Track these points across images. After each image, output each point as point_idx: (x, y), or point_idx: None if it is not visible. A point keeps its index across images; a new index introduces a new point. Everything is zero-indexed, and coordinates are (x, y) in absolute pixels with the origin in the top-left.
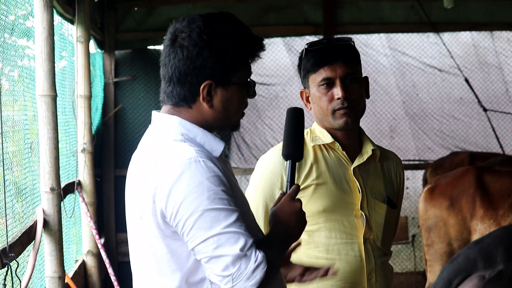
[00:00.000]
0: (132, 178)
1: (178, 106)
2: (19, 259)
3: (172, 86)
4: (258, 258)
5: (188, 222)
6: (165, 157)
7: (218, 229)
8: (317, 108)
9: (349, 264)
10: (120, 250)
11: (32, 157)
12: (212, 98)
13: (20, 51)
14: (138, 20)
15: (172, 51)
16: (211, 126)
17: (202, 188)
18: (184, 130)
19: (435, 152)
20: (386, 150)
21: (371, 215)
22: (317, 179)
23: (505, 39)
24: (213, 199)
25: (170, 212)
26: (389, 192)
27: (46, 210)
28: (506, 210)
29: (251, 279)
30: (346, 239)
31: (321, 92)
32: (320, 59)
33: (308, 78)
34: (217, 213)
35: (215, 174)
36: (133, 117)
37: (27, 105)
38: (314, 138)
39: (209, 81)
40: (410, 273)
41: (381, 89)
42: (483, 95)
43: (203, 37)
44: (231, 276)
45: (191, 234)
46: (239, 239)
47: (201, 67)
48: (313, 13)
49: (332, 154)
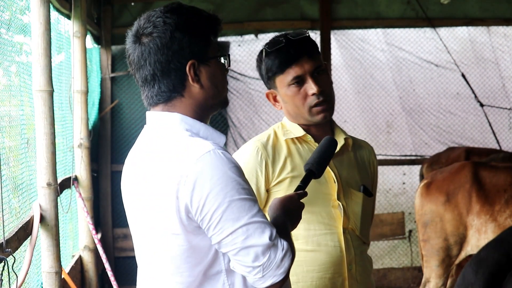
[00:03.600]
0: (138, 180)
1: (171, 100)
2: (16, 254)
3: (158, 82)
4: (285, 246)
5: (216, 214)
6: (183, 152)
7: (245, 219)
8: (291, 107)
9: (329, 254)
10: (116, 245)
11: (29, 152)
12: (199, 78)
13: (17, 47)
14: (134, 15)
15: (144, 50)
16: (206, 108)
17: (227, 179)
18: (187, 126)
19: (431, 147)
20: (358, 139)
21: (348, 204)
22: (292, 171)
23: (501, 34)
24: (238, 189)
25: (196, 206)
26: (364, 180)
27: (42, 205)
28: (502, 205)
29: (280, 267)
30: (325, 229)
31: (293, 91)
32: (286, 59)
33: (275, 79)
34: (243, 203)
35: (235, 164)
36: (130, 112)
37: (24, 100)
38: (286, 132)
39: (191, 60)
40: (407, 268)
41: (377, 84)
42: (480, 90)
43: (168, 21)
44: (262, 266)
45: (219, 226)
46: (265, 228)
47: (179, 50)
48: (310, 8)
49: (305, 146)
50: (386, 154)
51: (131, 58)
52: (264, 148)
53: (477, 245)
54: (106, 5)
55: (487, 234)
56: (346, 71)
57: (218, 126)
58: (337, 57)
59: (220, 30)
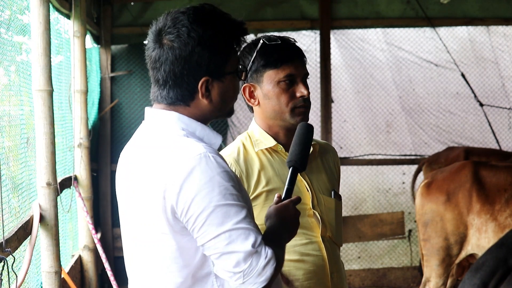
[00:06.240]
0: (128, 176)
1: (174, 104)
2: (16, 254)
3: (168, 88)
4: (268, 255)
5: (200, 218)
6: (174, 153)
7: (229, 225)
8: (272, 105)
9: (313, 264)
10: (116, 245)
11: (29, 152)
12: (210, 93)
13: (17, 46)
14: (134, 15)
15: (162, 54)
16: (209, 119)
17: (213, 184)
18: (183, 125)
19: (431, 147)
20: (321, 142)
21: (323, 212)
22: (267, 185)
23: (501, 34)
24: (224, 195)
25: (181, 208)
26: (333, 185)
27: (42, 205)
28: (502, 204)
29: (262, 275)
30: (305, 239)
31: (281, 89)
32: (283, 55)
33: (264, 73)
34: (228, 209)
35: (225, 169)
36: (130, 112)
37: (24, 100)
38: (256, 142)
39: (206, 77)
40: (407, 268)
41: (377, 84)
42: (479, 90)
43: (192, 35)
44: (243, 272)
45: (202, 230)
46: (249, 235)
47: (196, 65)
48: (309, 8)
49: (276, 157)
50: (385, 154)
51: (149, 54)
52: (236, 163)
53: (477, 244)
54: (105, 4)
55: (488, 234)
56: (345, 70)
57: (218, 125)
58: (337, 57)
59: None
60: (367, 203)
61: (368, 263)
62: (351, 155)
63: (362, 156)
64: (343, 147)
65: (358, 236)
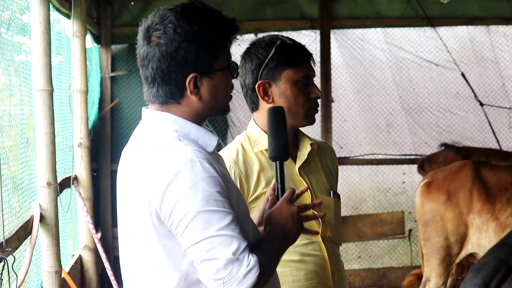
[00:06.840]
0: (124, 176)
1: (166, 104)
2: (16, 254)
3: (157, 86)
4: (251, 263)
5: (182, 223)
6: (161, 157)
7: (211, 231)
8: (289, 104)
9: (314, 264)
10: (116, 244)
11: (29, 152)
12: (199, 90)
13: (17, 46)
14: (134, 15)
15: (149, 51)
16: (203, 117)
17: (197, 189)
18: (177, 127)
19: (431, 146)
20: (319, 141)
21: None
22: (266, 186)
23: (501, 34)
24: (208, 201)
25: (164, 212)
26: (332, 184)
27: (42, 204)
28: (503, 204)
29: (243, 284)
30: (306, 240)
31: (299, 88)
32: (303, 55)
33: (282, 71)
34: (210, 215)
35: (211, 175)
36: (130, 112)
37: (24, 99)
38: (255, 143)
39: (193, 73)
40: (407, 267)
41: (377, 83)
42: (480, 90)
43: (178, 31)
44: (222, 279)
45: (184, 236)
46: (232, 242)
47: (183, 61)
48: (309, 8)
49: None
50: (386, 154)
51: (138, 51)
52: (236, 164)
53: (477, 243)
54: (105, 4)
55: (488, 233)
56: (346, 70)
57: (218, 125)
58: (337, 57)
59: (236, 38)
60: (367, 203)
61: (368, 262)
62: (351, 155)
63: (362, 156)
64: (343, 146)
65: (358, 236)
